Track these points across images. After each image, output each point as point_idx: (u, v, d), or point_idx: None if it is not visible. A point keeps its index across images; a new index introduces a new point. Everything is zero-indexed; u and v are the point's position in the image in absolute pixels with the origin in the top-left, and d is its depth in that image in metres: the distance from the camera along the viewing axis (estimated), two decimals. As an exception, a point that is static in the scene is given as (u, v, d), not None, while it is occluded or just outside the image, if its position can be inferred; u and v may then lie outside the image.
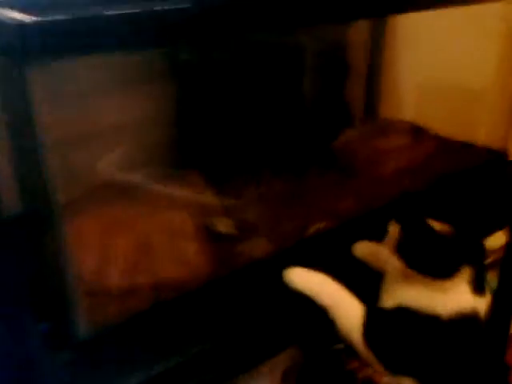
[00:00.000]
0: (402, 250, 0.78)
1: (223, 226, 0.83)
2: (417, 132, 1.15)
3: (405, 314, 0.76)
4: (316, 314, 0.81)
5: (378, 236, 0.85)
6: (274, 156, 1.02)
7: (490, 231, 0.97)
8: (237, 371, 0.76)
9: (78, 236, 0.73)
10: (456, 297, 0.76)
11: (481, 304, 0.78)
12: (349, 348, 1.10)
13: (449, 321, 0.74)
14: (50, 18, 0.53)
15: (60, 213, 0.65)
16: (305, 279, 0.80)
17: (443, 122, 1.18)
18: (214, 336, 0.73)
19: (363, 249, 0.89)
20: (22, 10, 0.55)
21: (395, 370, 0.77)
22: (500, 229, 0.99)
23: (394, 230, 0.80)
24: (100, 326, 0.69)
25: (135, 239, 0.76)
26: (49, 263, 0.68)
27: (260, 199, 0.92)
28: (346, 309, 0.78)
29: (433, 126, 1.19)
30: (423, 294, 0.76)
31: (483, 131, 1.20)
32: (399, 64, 1.32)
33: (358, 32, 1.32)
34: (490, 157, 1.14)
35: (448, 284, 0.76)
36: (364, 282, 0.85)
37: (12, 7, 0.56)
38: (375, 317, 0.77)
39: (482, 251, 0.82)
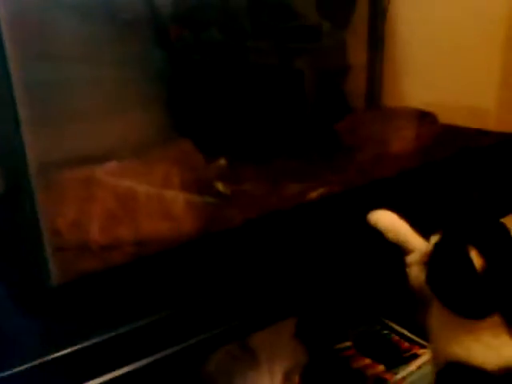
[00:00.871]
0: (431, 272, 0.68)
1: (218, 185, 0.78)
2: (424, 116, 1.10)
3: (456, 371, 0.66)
4: (314, 285, 0.74)
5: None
6: (274, 135, 0.99)
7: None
8: (221, 338, 0.69)
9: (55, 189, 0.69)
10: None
11: None
12: (358, 344, 1.04)
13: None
14: None
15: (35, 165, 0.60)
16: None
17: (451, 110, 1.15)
18: (193, 296, 0.66)
19: (383, 218, 0.79)
20: None
21: None
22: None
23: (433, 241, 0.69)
24: (76, 276, 0.63)
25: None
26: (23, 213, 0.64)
27: (258, 169, 0.87)
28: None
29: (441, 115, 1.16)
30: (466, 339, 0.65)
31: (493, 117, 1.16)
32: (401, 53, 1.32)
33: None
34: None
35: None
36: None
37: None
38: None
39: None
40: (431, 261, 0.67)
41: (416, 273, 0.71)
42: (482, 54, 1.20)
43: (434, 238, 0.69)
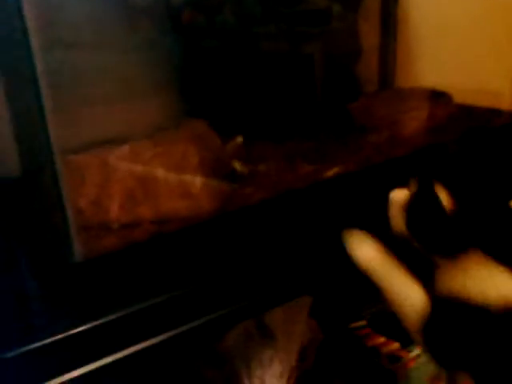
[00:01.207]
0: (409, 218, 0.70)
1: (235, 165, 0.79)
2: (438, 96, 1.10)
3: (455, 305, 0.65)
4: (329, 263, 0.75)
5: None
6: (287, 116, 0.99)
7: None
8: (237, 315, 0.70)
9: (76, 170, 0.70)
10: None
11: None
12: (372, 322, 1.06)
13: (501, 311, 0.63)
14: None
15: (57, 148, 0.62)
16: (364, 250, 0.73)
17: (465, 92, 1.15)
18: (210, 273, 0.67)
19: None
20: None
21: (449, 366, 0.69)
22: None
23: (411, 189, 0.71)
24: (99, 253, 0.64)
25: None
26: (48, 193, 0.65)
27: (272, 148, 0.88)
28: (406, 296, 0.69)
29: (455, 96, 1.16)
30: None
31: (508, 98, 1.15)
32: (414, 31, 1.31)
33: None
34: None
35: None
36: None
37: None
38: (435, 313, 0.67)
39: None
40: (409, 207, 0.69)
41: (398, 221, 0.71)
42: (496, 35, 1.19)
43: (412, 186, 0.70)
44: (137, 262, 0.66)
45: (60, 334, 0.59)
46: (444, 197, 0.65)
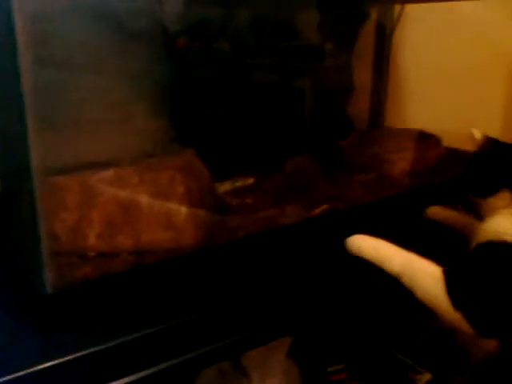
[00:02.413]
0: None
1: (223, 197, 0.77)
2: (428, 138, 1.10)
3: (490, 247, 0.67)
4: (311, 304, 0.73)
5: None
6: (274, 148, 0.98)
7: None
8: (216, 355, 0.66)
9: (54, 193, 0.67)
10: None
11: None
12: (352, 368, 1.02)
13: None
14: None
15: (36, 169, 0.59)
16: (370, 245, 0.74)
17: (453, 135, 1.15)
18: (187, 310, 0.64)
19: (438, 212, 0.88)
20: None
21: (489, 331, 0.66)
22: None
23: None
24: (72, 283, 0.61)
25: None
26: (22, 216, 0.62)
27: (263, 183, 0.86)
28: (422, 270, 0.70)
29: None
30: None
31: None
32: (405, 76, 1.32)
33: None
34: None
35: None
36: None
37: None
38: (459, 268, 0.68)
39: None
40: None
41: None
42: (486, 81, 1.20)
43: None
44: (112, 296, 0.63)
45: (26, 369, 0.55)
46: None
